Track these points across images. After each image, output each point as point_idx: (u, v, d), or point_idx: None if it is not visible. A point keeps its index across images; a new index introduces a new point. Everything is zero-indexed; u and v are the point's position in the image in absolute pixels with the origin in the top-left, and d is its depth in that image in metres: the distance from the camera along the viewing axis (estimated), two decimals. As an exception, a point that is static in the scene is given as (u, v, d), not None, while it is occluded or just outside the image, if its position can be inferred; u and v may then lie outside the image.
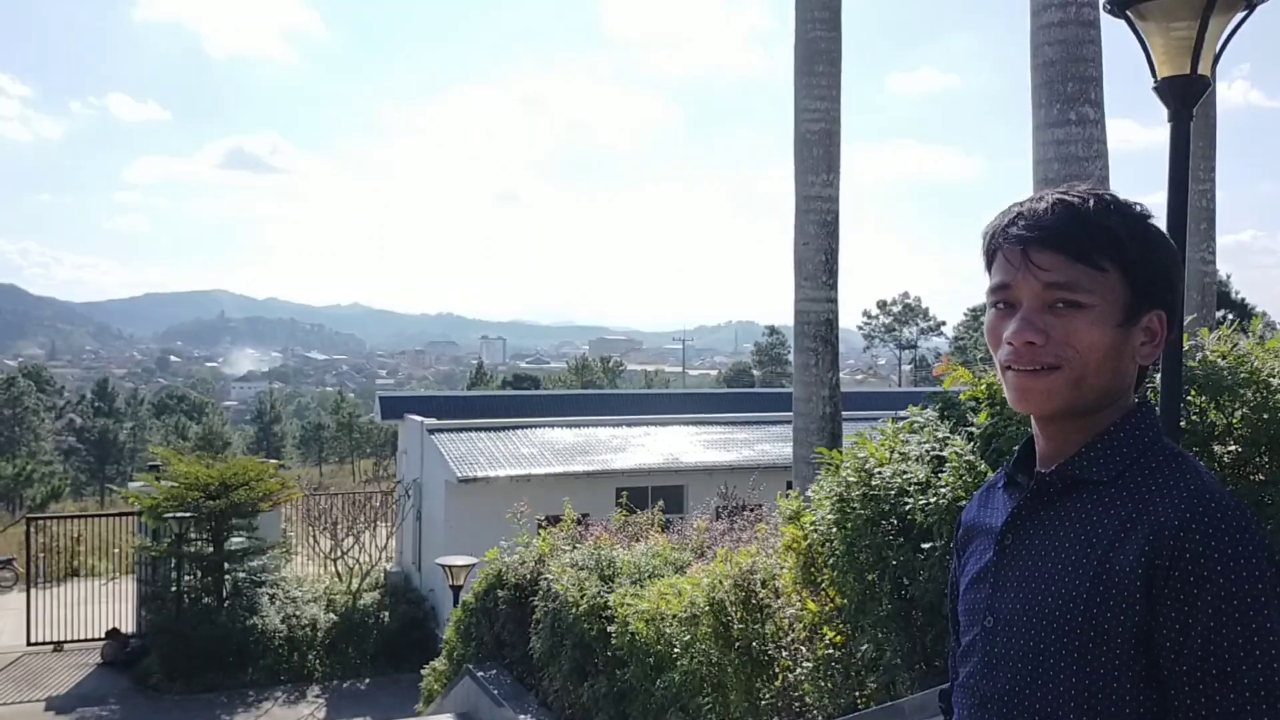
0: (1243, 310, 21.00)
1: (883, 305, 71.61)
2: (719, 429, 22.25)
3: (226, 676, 17.11)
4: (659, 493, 16.28)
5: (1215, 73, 4.14)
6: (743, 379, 74.58)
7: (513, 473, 18.56)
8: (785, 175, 9.79)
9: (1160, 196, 3.92)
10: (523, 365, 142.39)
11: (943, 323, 70.90)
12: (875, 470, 4.50)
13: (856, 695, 4.67)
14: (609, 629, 7.22)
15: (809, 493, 5.09)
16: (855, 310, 72.86)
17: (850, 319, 73.66)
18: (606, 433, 21.46)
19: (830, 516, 4.69)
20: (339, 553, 20.41)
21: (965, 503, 3.81)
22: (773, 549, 5.79)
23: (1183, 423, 3.85)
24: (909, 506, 4.16)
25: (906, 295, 71.77)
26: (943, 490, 4.02)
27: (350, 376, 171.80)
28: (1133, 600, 1.30)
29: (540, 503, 13.74)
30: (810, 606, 5.09)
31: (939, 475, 4.14)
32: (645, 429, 21.98)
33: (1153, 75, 3.86)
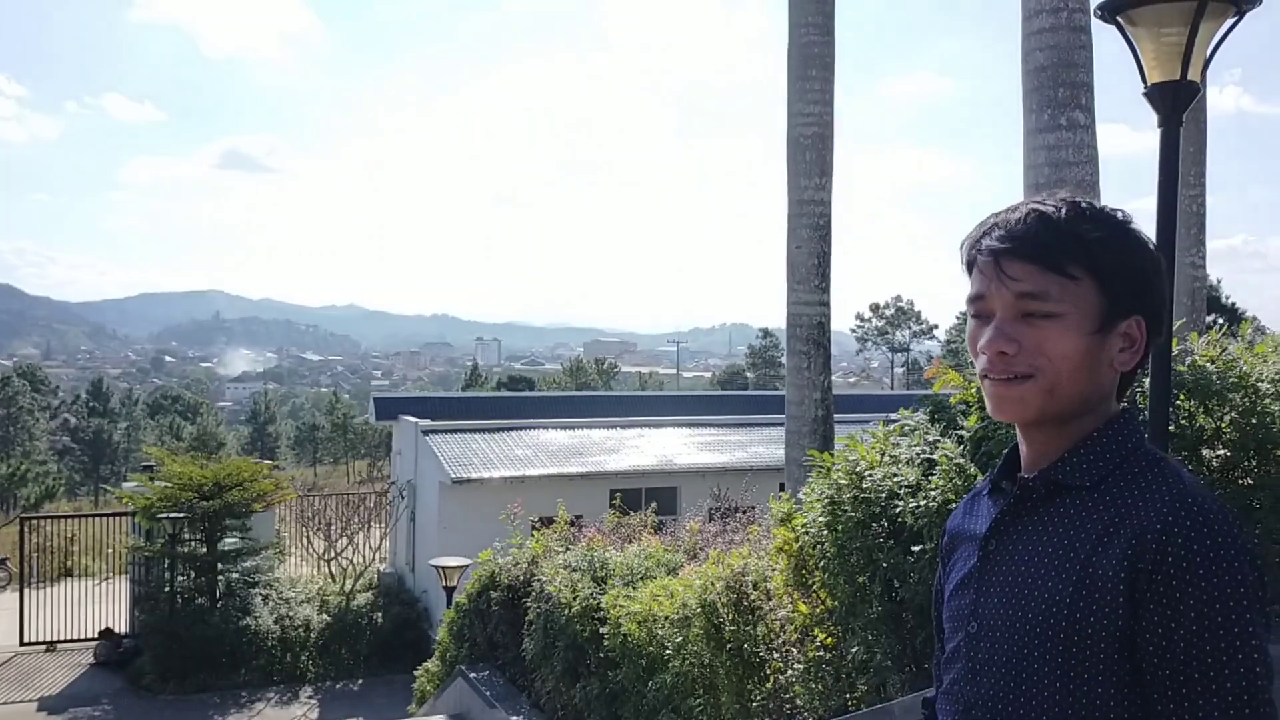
0: (1232, 314, 21.05)
1: (875, 308, 71.71)
2: (712, 431, 22.26)
3: (219, 677, 17.07)
4: (652, 494, 16.32)
5: (1205, 78, 4.16)
6: (736, 381, 74.59)
7: (507, 474, 18.56)
8: (779, 179, 9.80)
9: (1151, 201, 3.95)
10: (517, 367, 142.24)
11: (935, 326, 71.07)
12: (866, 473, 4.51)
13: (847, 697, 4.68)
14: (601, 630, 7.23)
15: (801, 495, 5.10)
16: (849, 313, 73.01)
17: (843, 322, 73.77)
18: (600, 434, 21.46)
19: (822, 519, 4.70)
20: (333, 554, 20.38)
21: (955, 505, 3.85)
22: (764, 551, 5.80)
23: (1171, 427, 3.87)
24: (900, 509, 4.17)
25: (899, 298, 71.95)
26: (933, 493, 4.04)
27: (345, 377, 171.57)
28: (1116, 604, 1.31)
29: (534, 504, 13.74)
30: (801, 608, 5.10)
31: (929, 478, 4.15)
32: (639, 431, 21.98)
33: (1143, 81, 3.89)
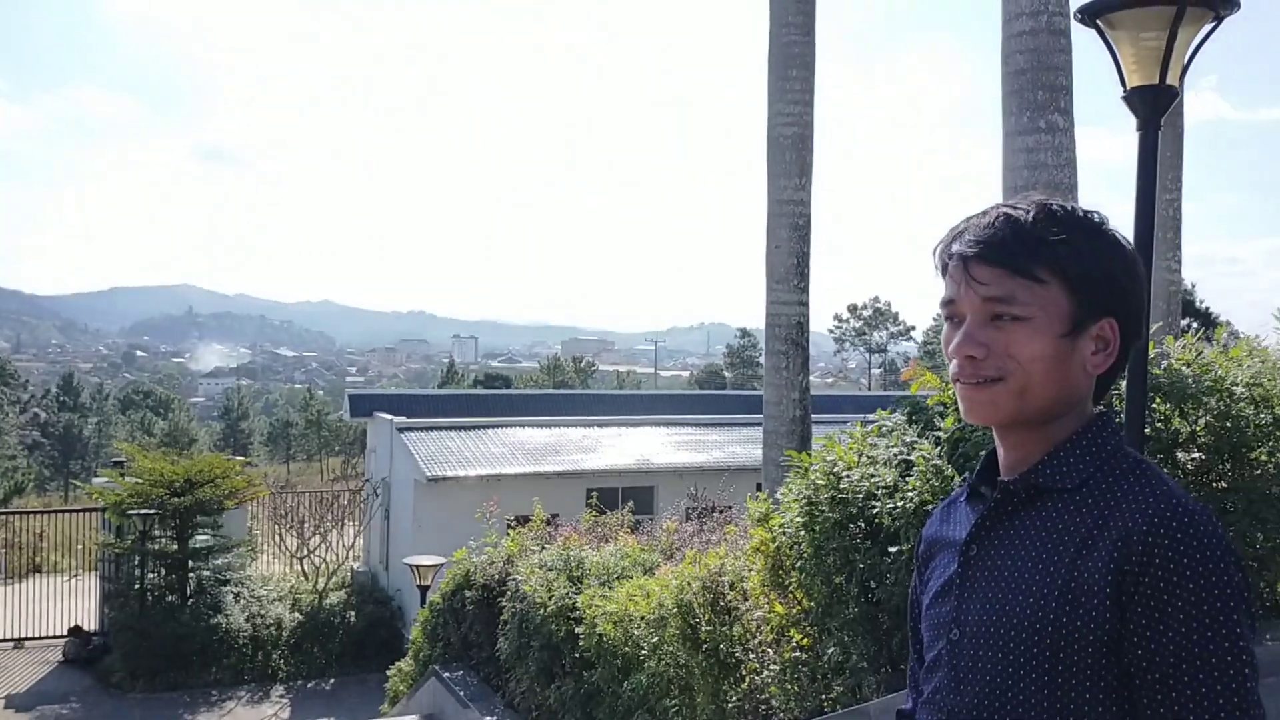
0: (1207, 319, 21.22)
1: (853, 309, 72.01)
2: (690, 430, 22.26)
3: (190, 675, 16.92)
4: (629, 493, 16.27)
5: (1183, 83, 4.18)
6: (714, 381, 74.69)
7: (482, 472, 18.49)
8: (759, 179, 9.80)
9: (1128, 205, 3.96)
10: (494, 364, 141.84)
11: (912, 327, 71.43)
12: (844, 473, 4.51)
13: (823, 698, 4.67)
14: (577, 630, 7.20)
15: (778, 495, 5.10)
16: (826, 314, 73.32)
17: (821, 322, 74.10)
18: (577, 433, 21.41)
19: (799, 519, 4.70)
20: (305, 551, 20.25)
21: (932, 507, 3.85)
22: (741, 551, 5.79)
23: (1147, 430, 3.88)
24: (877, 510, 4.17)
25: (877, 299, 72.31)
26: (910, 494, 4.04)
27: (319, 374, 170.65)
28: (1102, 608, 1.30)
29: (510, 503, 13.71)
30: (778, 609, 5.10)
31: (907, 479, 4.15)
32: (616, 430, 21.95)
33: (1122, 85, 3.90)
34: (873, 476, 4.33)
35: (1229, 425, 3.96)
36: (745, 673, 5.31)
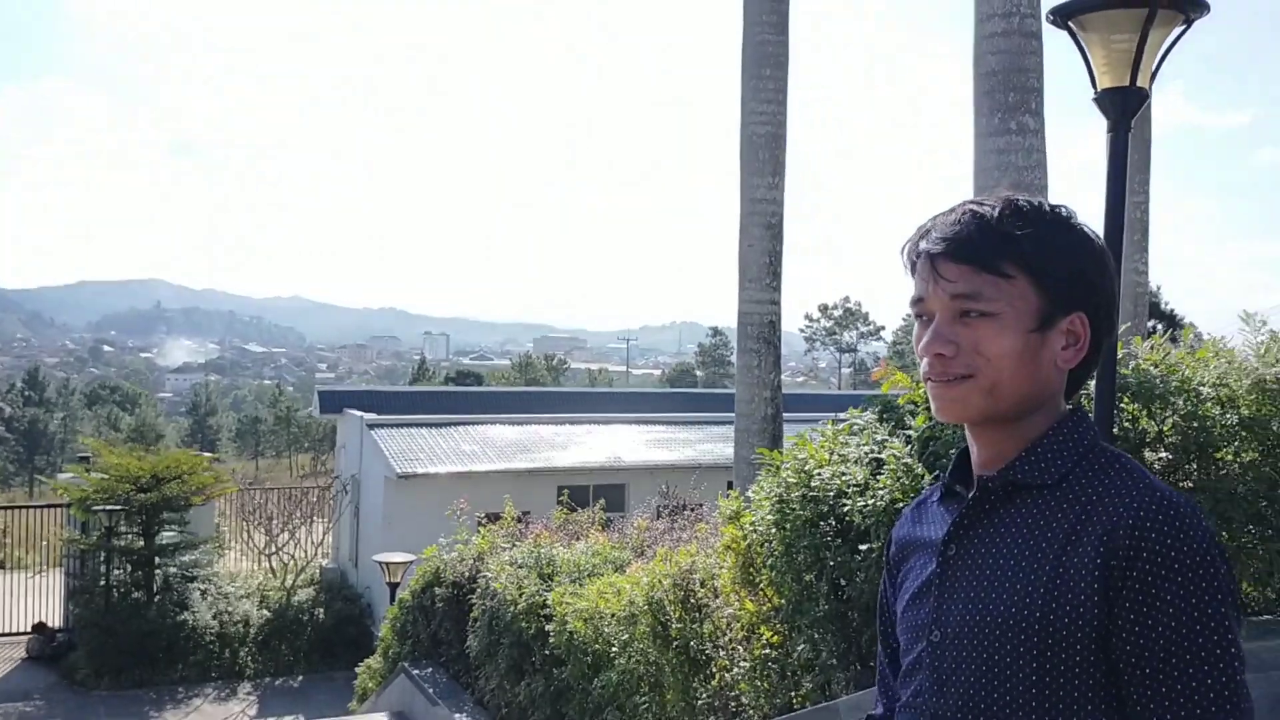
0: (1171, 321, 21.49)
1: (824, 309, 72.40)
2: (661, 428, 22.27)
3: (155, 673, 16.78)
4: (600, 491, 16.28)
5: (1152, 87, 4.21)
6: (686, 379, 74.87)
7: (453, 469, 18.43)
8: (732, 177, 9.82)
9: (1097, 207, 3.99)
10: (466, 362, 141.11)
11: (882, 327, 71.89)
12: (815, 472, 4.52)
13: (792, 695, 4.69)
14: (547, 628, 7.19)
15: (749, 493, 5.11)
16: (797, 313, 73.62)
17: (792, 322, 74.25)
18: (549, 430, 21.38)
19: (770, 517, 4.71)
20: (274, 548, 20.12)
21: (903, 505, 3.87)
22: (712, 549, 5.79)
23: (1115, 429, 3.92)
24: (847, 508, 4.19)
25: (847, 299, 72.77)
26: (881, 492, 4.06)
27: (289, 370, 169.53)
28: (1090, 603, 1.29)
29: (481, 500, 13.66)
30: (748, 606, 5.10)
31: (877, 477, 4.17)
32: (588, 427, 21.93)
33: (1094, 86, 3.93)
34: (844, 475, 4.34)
35: (1196, 425, 3.99)
36: (715, 670, 5.32)
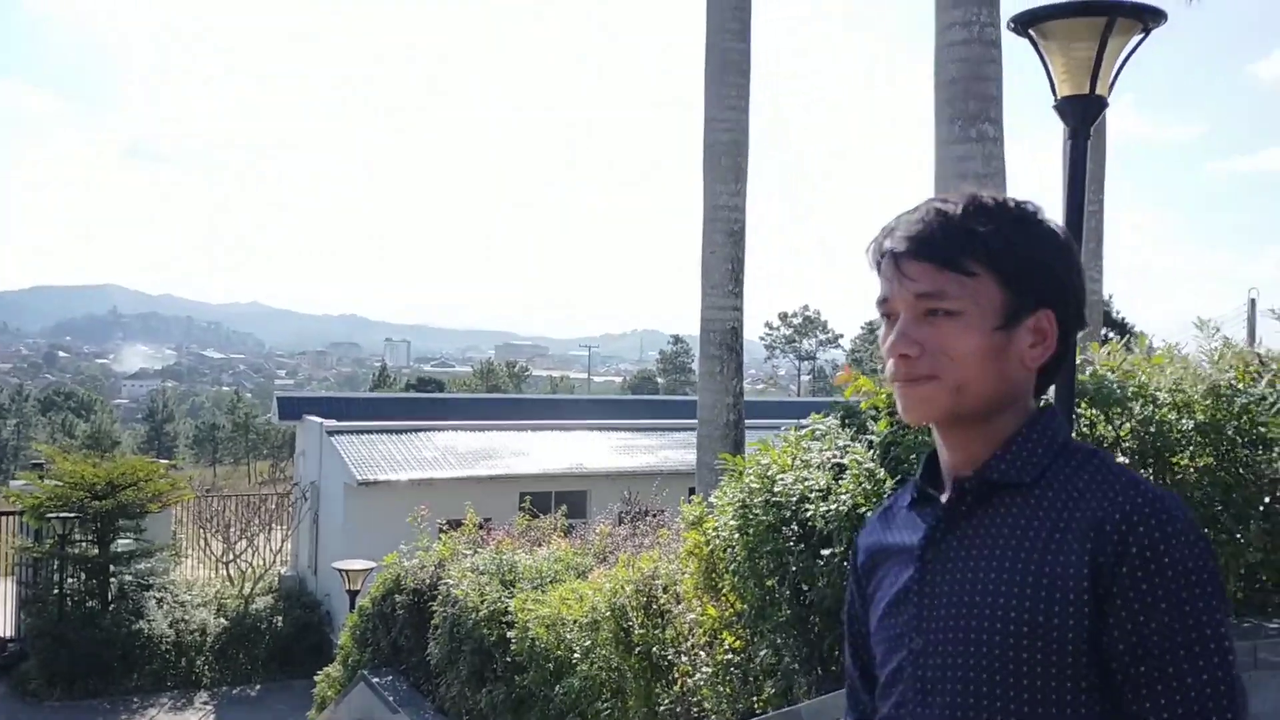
0: (1123, 329, 21.83)
1: (784, 317, 72.96)
2: (623, 435, 22.27)
3: (110, 683, 16.56)
4: (562, 497, 16.22)
5: (1110, 95, 4.27)
6: (647, 386, 74.95)
7: (414, 476, 18.33)
8: (693, 185, 9.82)
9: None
10: (427, 369, 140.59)
11: (840, 335, 72.56)
12: (777, 477, 4.52)
13: (754, 700, 4.68)
14: (509, 634, 7.15)
15: (712, 499, 5.10)
16: (757, 321, 74.06)
17: (752, 330, 74.65)
18: (510, 437, 21.32)
19: (732, 523, 4.70)
20: (231, 556, 19.90)
21: (865, 510, 3.88)
22: (675, 554, 5.79)
23: (1073, 434, 3.95)
24: (810, 513, 4.19)
25: (807, 308, 73.37)
26: (843, 497, 4.06)
27: (248, 376, 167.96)
28: (1080, 602, 1.26)
29: (442, 507, 13.57)
30: (710, 612, 5.10)
31: (839, 482, 4.18)
32: (550, 434, 21.88)
33: (1053, 94, 3.97)
34: (806, 480, 4.35)
35: (1153, 430, 4.04)
36: (678, 675, 5.31)
